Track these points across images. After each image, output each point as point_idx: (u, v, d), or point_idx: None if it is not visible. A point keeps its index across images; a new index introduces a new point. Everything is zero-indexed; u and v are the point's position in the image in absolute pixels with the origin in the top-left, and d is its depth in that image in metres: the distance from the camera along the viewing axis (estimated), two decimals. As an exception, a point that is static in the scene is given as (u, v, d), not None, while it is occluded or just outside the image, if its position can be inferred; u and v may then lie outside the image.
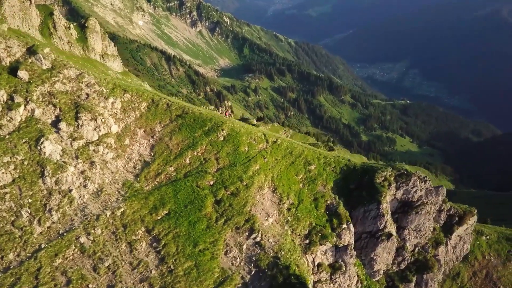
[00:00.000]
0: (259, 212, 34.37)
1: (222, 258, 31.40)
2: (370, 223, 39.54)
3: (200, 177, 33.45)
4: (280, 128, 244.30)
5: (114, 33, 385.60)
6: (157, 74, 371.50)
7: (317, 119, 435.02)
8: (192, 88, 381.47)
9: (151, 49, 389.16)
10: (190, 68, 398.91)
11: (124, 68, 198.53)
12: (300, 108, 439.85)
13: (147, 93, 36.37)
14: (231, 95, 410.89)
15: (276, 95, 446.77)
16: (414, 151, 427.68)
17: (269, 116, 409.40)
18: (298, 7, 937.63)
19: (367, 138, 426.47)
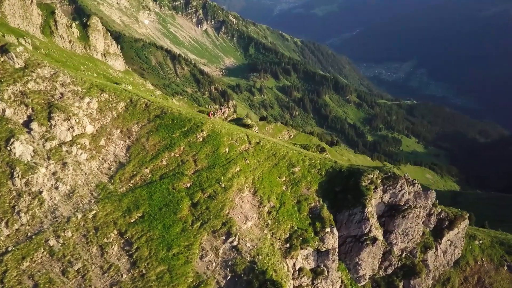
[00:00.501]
0: (238, 216, 33.57)
1: (197, 262, 30.64)
2: (355, 227, 38.60)
3: (177, 179, 32.72)
4: (283, 127, 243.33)
5: (119, 32, 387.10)
6: (162, 73, 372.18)
7: (322, 119, 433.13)
8: (197, 87, 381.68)
9: (156, 48, 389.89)
10: (195, 67, 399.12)
11: (127, 66, 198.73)
12: (305, 108, 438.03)
13: (125, 93, 35.70)
14: (236, 94, 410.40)
15: (281, 95, 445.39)
16: (420, 151, 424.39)
17: (274, 116, 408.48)
18: (305, 6, 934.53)
19: (372, 138, 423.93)
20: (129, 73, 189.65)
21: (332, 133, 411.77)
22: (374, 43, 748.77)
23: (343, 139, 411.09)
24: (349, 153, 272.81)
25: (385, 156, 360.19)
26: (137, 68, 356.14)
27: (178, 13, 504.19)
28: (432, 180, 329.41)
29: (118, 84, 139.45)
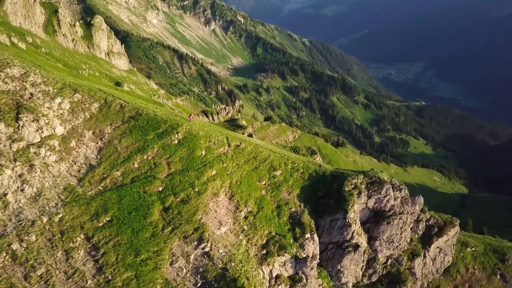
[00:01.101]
0: (211, 221, 32.58)
1: (166, 268, 29.72)
2: (337, 233, 37.42)
3: (148, 182, 31.81)
4: (288, 128, 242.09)
5: (127, 31, 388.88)
6: (169, 72, 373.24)
7: (330, 120, 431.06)
8: (204, 86, 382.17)
9: (163, 48, 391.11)
10: (202, 66, 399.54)
11: (131, 66, 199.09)
12: (313, 108, 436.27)
13: (100, 94, 34.89)
14: (243, 94, 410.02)
15: (289, 95, 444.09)
16: (428, 153, 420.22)
17: (281, 116, 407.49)
18: (314, 6, 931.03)
19: (379, 139, 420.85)
20: (133, 72, 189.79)
21: (339, 134, 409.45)
22: (383, 44, 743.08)
23: (350, 140, 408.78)
24: (355, 155, 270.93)
25: (392, 157, 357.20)
26: (145, 67, 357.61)
27: (186, 13, 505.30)
28: (440, 182, 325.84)
29: (120, 83, 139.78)
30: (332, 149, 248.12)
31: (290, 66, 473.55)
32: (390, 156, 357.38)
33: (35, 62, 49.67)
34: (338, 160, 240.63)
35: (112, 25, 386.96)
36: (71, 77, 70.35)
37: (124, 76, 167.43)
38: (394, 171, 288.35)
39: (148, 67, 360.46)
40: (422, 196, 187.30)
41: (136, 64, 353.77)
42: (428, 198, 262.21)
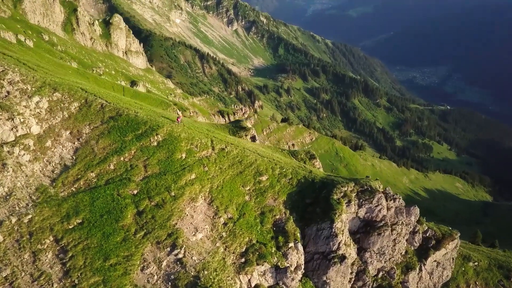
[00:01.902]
0: (186, 226, 31.43)
1: (137, 274, 28.74)
2: (323, 243, 35.75)
3: (123, 185, 30.90)
4: (305, 130, 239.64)
5: (150, 31, 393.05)
6: (190, 72, 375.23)
7: (351, 122, 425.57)
8: (224, 86, 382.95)
9: (185, 47, 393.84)
10: (223, 66, 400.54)
11: (148, 64, 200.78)
12: (333, 110, 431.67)
13: (81, 93, 34.27)
14: (263, 94, 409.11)
15: (309, 96, 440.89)
16: (452, 159, 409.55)
17: (301, 117, 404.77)
18: (339, 7, 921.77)
19: (401, 143, 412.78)
20: (150, 71, 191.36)
21: (360, 137, 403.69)
22: (408, 46, 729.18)
23: (371, 143, 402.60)
24: (374, 158, 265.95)
25: (414, 162, 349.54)
26: (166, 66, 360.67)
27: (209, 13, 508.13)
28: (462, 189, 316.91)
29: (136, 82, 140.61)
30: (350, 152, 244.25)
31: (311, 67, 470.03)
32: (411, 161, 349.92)
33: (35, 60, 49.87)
34: (355, 164, 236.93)
35: (135, 24, 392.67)
36: (76, 76, 70.80)
37: (141, 74, 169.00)
38: (414, 176, 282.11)
39: (170, 66, 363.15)
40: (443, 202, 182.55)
41: (157, 63, 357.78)
42: (449, 204, 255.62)
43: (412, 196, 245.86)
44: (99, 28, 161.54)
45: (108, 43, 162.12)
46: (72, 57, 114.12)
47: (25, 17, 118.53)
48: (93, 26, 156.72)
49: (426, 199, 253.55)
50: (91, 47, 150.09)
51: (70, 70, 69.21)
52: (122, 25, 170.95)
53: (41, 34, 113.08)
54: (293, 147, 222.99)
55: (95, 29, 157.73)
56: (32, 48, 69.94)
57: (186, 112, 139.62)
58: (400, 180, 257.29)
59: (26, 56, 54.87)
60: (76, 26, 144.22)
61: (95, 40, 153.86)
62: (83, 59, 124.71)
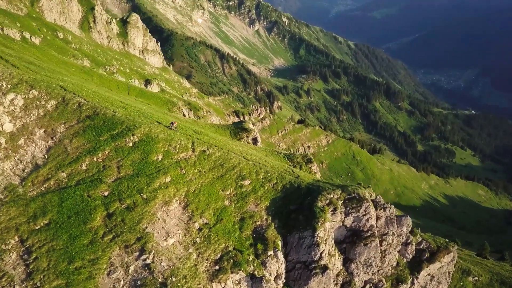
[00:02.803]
0: (157, 231, 30.35)
1: (103, 278, 27.86)
2: (304, 252, 34.14)
3: (94, 186, 30.05)
4: (321, 132, 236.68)
5: (172, 30, 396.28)
6: (210, 71, 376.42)
7: (371, 125, 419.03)
8: (243, 87, 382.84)
9: (205, 47, 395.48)
10: (243, 67, 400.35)
11: (165, 64, 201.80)
12: (354, 113, 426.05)
13: (59, 91, 33.63)
14: (282, 95, 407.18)
15: (329, 98, 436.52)
16: (475, 165, 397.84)
17: (320, 119, 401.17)
18: (363, 9, 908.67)
19: (423, 148, 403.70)
20: (166, 70, 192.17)
21: (380, 141, 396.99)
22: (434, 49, 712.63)
23: (392, 147, 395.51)
24: (392, 163, 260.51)
25: (435, 167, 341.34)
26: (186, 65, 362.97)
27: (231, 13, 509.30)
28: (485, 197, 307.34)
29: (150, 81, 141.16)
30: (368, 156, 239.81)
31: (332, 68, 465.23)
32: (433, 166, 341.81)
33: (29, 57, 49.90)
34: (372, 168, 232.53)
35: (157, 23, 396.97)
36: (80, 73, 71.01)
37: (156, 73, 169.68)
38: (434, 182, 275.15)
39: (190, 66, 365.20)
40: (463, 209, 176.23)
41: (178, 63, 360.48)
42: (470, 212, 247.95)
43: (431, 202, 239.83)
44: (116, 27, 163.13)
45: (125, 41, 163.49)
46: (85, 55, 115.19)
47: (41, 15, 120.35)
48: (110, 25, 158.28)
49: (445, 206, 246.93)
50: (108, 46, 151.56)
51: (74, 67, 69.39)
52: (139, 24, 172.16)
53: (56, 32, 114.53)
54: (308, 149, 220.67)
55: (112, 27, 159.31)
56: (37, 45, 70.40)
57: (199, 112, 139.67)
58: (418, 186, 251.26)
59: (25, 53, 55.09)
60: (93, 25, 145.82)
61: (112, 39, 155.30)
62: (97, 57, 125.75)
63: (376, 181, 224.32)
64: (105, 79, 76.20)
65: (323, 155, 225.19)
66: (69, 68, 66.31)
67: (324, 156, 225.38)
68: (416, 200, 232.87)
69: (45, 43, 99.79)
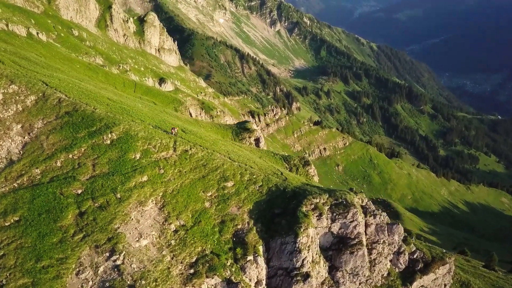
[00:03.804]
0: (130, 231, 29.46)
1: (71, 278, 27.11)
2: (286, 259, 32.69)
3: (67, 183, 29.40)
4: (338, 134, 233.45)
5: (193, 30, 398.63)
6: (229, 71, 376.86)
7: (392, 128, 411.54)
8: (262, 87, 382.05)
9: (226, 47, 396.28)
10: (262, 67, 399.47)
11: (181, 63, 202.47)
12: (374, 115, 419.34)
13: (39, 86, 33.21)
14: (302, 96, 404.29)
15: (350, 100, 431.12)
16: (500, 172, 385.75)
17: (340, 121, 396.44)
18: (387, 10, 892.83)
19: (445, 153, 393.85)
20: (182, 69, 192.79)
21: (401, 144, 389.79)
22: (460, 52, 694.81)
23: (412, 151, 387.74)
24: (411, 167, 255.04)
25: (457, 173, 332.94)
26: (206, 65, 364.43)
27: (253, 13, 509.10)
28: (509, 204, 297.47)
29: (164, 79, 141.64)
30: (385, 160, 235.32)
31: (354, 70, 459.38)
32: (455, 172, 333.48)
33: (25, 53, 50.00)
34: (390, 172, 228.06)
35: (178, 23, 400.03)
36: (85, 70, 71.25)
37: (172, 72, 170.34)
38: (455, 188, 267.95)
39: (210, 65, 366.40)
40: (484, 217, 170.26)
41: (198, 62, 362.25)
42: (491, 220, 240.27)
43: (450, 208, 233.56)
44: (133, 25, 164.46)
45: (141, 40, 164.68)
46: (99, 53, 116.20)
47: (58, 12, 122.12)
48: (127, 23, 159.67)
49: (465, 213, 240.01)
50: (124, 44, 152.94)
51: (79, 64, 69.63)
52: (156, 23, 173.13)
53: (71, 30, 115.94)
54: (324, 152, 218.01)
55: (129, 26, 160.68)
56: (44, 42, 70.87)
57: (213, 111, 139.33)
58: (437, 191, 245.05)
59: (27, 49, 55.35)
60: (109, 23, 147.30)
61: (128, 37, 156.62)
62: (112, 55, 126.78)
63: (393, 186, 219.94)
64: (110, 77, 76.29)
65: (339, 158, 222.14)
66: (73, 65, 66.52)
67: (340, 159, 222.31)
68: (434, 206, 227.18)
69: (58, 40, 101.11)
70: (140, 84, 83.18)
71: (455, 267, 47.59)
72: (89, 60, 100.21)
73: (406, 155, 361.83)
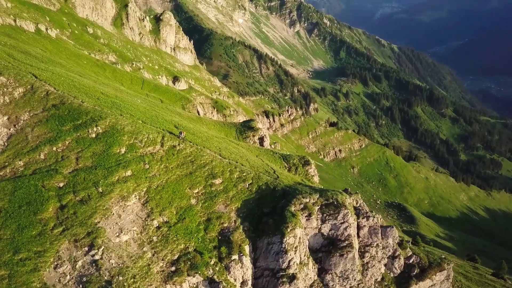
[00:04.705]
0: (110, 226, 28.95)
1: (49, 272, 26.78)
2: (273, 259, 31.65)
3: (49, 176, 29.11)
4: (354, 136, 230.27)
5: (212, 29, 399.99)
6: (247, 71, 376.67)
7: (411, 131, 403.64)
8: (279, 87, 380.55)
9: (244, 47, 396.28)
10: (280, 67, 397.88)
11: (197, 62, 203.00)
12: (393, 118, 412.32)
13: (28, 78, 33.09)
14: (320, 97, 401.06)
15: (368, 102, 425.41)
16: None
17: (358, 123, 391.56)
18: (409, 11, 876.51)
19: (466, 157, 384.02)
20: (197, 68, 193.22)
21: (421, 148, 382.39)
22: (484, 54, 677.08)
23: (432, 155, 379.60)
24: (429, 171, 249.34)
25: (478, 179, 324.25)
26: (224, 65, 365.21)
27: (273, 14, 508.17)
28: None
29: (178, 78, 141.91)
30: (402, 163, 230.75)
31: (373, 72, 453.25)
32: (476, 177, 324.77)
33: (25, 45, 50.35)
34: (407, 175, 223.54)
35: (198, 23, 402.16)
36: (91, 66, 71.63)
37: (187, 71, 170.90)
38: (475, 194, 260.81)
39: (228, 65, 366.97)
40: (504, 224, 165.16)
41: (216, 62, 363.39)
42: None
43: (468, 214, 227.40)
44: (149, 24, 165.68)
45: (157, 38, 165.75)
46: (112, 50, 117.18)
47: (73, 10, 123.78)
48: (143, 22, 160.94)
49: (485, 220, 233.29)
50: (139, 42, 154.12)
51: (86, 60, 70.04)
52: (172, 21, 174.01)
53: (86, 27, 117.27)
54: (339, 153, 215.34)
55: (145, 24, 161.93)
56: (52, 38, 71.46)
57: (226, 110, 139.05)
58: (456, 197, 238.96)
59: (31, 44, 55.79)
60: (125, 21, 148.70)
61: (144, 35, 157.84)
62: (126, 53, 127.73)
63: (410, 190, 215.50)
64: (118, 73, 76.54)
65: (354, 160, 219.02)
66: (80, 61, 66.94)
67: (355, 161, 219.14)
68: (452, 212, 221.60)
69: (72, 37, 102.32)
70: (148, 81, 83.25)
71: (458, 274, 45.74)
72: (101, 57, 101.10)
73: (425, 159, 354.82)
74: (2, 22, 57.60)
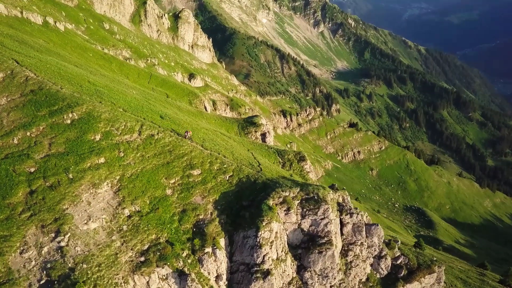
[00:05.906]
0: (79, 213, 28.42)
1: (14, 257, 26.48)
2: (248, 253, 30.44)
3: (21, 161, 28.83)
4: (374, 137, 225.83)
5: (235, 29, 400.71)
6: (269, 71, 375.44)
7: (436, 135, 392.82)
8: (301, 88, 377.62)
9: (266, 47, 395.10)
10: (302, 68, 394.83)
11: (214, 60, 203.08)
12: (418, 121, 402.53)
13: (8, 64, 32.98)
14: (342, 98, 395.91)
15: (392, 104, 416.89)
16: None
17: (381, 125, 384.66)
18: (438, 13, 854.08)
19: (493, 163, 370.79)
20: (215, 66, 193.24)
21: (446, 152, 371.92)
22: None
23: (457, 160, 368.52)
24: (452, 176, 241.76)
25: (505, 185, 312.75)
26: (246, 64, 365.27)
27: (297, 14, 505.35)
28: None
29: (194, 75, 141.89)
30: (423, 166, 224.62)
31: (398, 73, 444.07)
32: (504, 184, 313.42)
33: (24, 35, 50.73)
34: (427, 179, 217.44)
35: (221, 22, 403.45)
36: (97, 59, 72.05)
37: (204, 68, 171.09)
38: (500, 201, 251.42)
39: (249, 65, 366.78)
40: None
41: (238, 61, 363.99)
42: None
43: (492, 221, 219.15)
44: (167, 21, 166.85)
45: (175, 36, 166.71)
46: (128, 46, 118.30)
47: (91, 6, 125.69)
48: (161, 19, 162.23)
49: (510, 227, 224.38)
50: (157, 39, 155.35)
51: (92, 53, 70.45)
52: (191, 19, 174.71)
53: (102, 23, 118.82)
54: (358, 155, 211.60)
55: (163, 22, 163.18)
56: (60, 31, 72.13)
57: (241, 108, 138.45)
58: (480, 203, 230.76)
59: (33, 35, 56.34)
60: (143, 18, 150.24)
61: (162, 33, 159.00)
62: (142, 49, 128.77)
63: (430, 194, 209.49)
64: (125, 67, 76.81)
65: (373, 162, 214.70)
66: (85, 53, 67.41)
67: (375, 163, 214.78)
68: (475, 218, 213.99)
69: (87, 32, 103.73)
70: (156, 76, 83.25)
71: (456, 279, 43.41)
72: (114, 53, 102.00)
73: (450, 163, 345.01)
74: (7, 13, 58.54)
